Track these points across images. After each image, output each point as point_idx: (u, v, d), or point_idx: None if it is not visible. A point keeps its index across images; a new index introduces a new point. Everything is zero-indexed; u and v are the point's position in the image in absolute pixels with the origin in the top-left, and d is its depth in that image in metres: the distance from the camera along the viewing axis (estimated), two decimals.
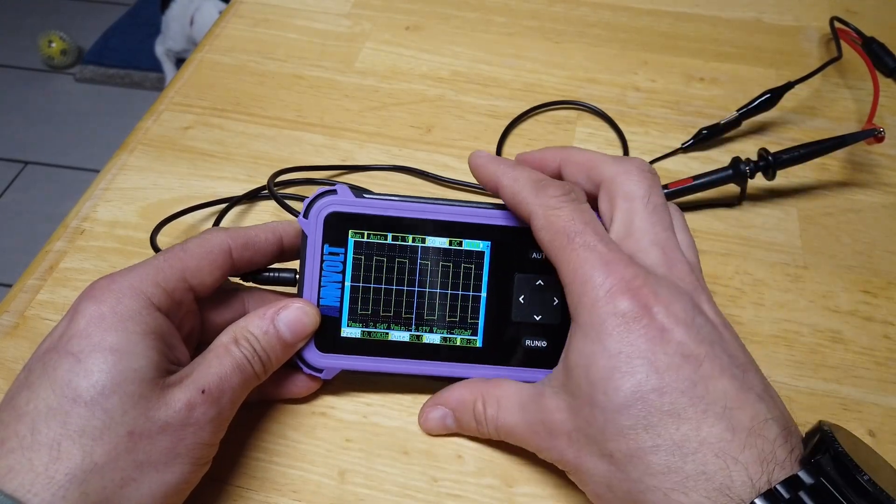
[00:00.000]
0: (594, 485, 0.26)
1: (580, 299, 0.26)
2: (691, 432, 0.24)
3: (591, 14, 0.55)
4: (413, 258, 0.31)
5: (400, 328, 0.31)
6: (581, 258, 0.26)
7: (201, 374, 0.27)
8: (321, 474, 0.31)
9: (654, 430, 0.24)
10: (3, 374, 0.34)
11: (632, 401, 0.24)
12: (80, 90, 1.77)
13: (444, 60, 0.51)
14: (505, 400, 0.30)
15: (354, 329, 0.31)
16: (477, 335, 0.32)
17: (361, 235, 0.31)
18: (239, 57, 0.52)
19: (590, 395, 0.25)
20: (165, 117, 0.47)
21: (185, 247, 0.29)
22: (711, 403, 0.24)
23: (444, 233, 0.31)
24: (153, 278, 0.28)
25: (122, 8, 1.95)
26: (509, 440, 0.30)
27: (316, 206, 0.31)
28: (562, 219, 0.28)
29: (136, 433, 0.25)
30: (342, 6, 0.56)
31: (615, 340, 0.25)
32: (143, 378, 0.25)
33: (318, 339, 0.31)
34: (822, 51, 0.53)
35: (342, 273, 0.31)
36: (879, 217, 0.42)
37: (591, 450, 0.26)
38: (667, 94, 0.49)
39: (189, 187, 0.43)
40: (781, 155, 0.40)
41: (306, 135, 0.46)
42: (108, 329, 0.26)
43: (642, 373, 0.24)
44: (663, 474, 0.24)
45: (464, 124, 0.47)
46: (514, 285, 0.32)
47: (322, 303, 0.31)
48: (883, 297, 0.38)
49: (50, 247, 0.40)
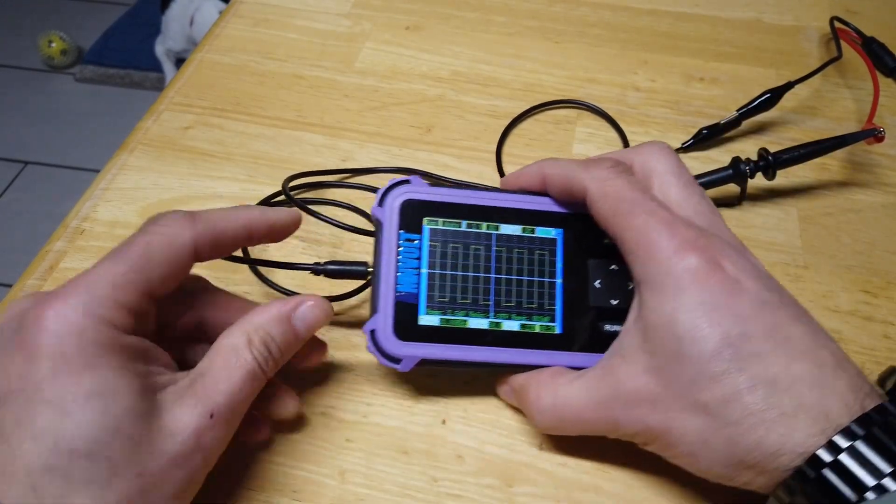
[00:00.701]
0: (686, 445, 0.26)
1: (649, 261, 0.27)
2: (782, 371, 0.25)
3: (591, 14, 0.55)
4: (488, 245, 0.31)
5: (479, 315, 0.30)
6: (645, 222, 0.27)
7: (209, 393, 0.25)
8: (321, 474, 0.31)
9: (747, 371, 0.25)
10: None
11: (721, 347, 0.25)
12: (80, 90, 1.78)
13: (444, 60, 0.51)
14: (563, 388, 0.29)
15: (433, 317, 0.30)
16: (555, 321, 0.31)
17: (436, 223, 0.31)
18: (239, 57, 0.52)
19: (676, 349, 0.26)
20: (165, 117, 0.47)
21: (147, 253, 0.26)
22: (794, 344, 0.25)
23: (516, 220, 0.32)
24: (112, 298, 0.24)
25: (122, 8, 1.96)
26: (571, 428, 0.29)
27: (391, 194, 0.31)
28: (619, 188, 0.29)
29: (145, 473, 0.23)
30: (342, 6, 0.56)
31: (694, 294, 0.26)
32: (137, 413, 0.23)
33: (396, 326, 0.30)
34: (822, 51, 0.53)
35: (418, 259, 0.30)
36: (879, 217, 0.42)
37: (682, 406, 0.26)
38: (667, 94, 0.49)
39: (189, 187, 0.43)
40: (781, 155, 0.40)
41: (306, 135, 0.46)
42: (82, 370, 0.23)
43: (727, 320, 0.25)
44: (763, 411, 0.24)
45: (464, 124, 0.47)
46: (588, 270, 0.32)
47: (399, 289, 0.30)
48: (883, 297, 0.38)
49: (50, 247, 0.40)
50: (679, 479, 0.31)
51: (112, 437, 0.23)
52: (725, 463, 0.25)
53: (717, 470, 0.26)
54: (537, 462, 0.32)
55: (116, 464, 0.23)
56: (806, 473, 0.24)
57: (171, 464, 0.24)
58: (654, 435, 0.27)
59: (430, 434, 0.32)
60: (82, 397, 0.23)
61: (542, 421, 0.30)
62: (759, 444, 0.24)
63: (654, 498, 0.30)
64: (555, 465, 0.31)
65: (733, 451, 0.25)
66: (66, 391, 0.22)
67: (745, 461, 0.25)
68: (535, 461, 0.32)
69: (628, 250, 0.28)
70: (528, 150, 0.45)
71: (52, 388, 0.22)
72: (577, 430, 0.29)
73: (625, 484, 0.31)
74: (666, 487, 0.31)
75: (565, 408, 0.29)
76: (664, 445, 0.27)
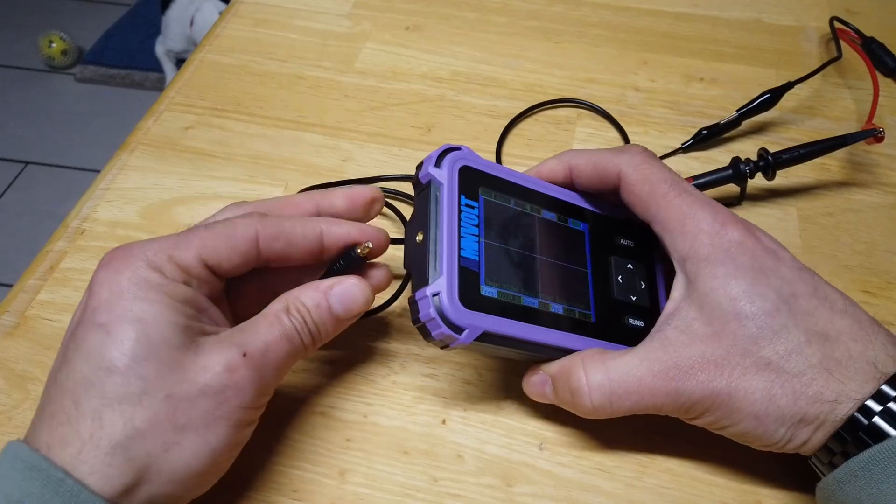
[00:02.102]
0: (752, 405, 0.27)
1: (697, 236, 0.29)
2: (829, 325, 0.27)
3: (591, 14, 0.55)
4: (530, 226, 0.31)
5: (530, 294, 0.29)
6: (688, 201, 0.30)
7: (246, 337, 0.27)
8: (321, 474, 0.31)
9: (802, 326, 0.27)
10: (3, 374, 0.34)
11: (778, 304, 0.27)
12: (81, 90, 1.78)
13: (444, 60, 0.51)
14: (614, 363, 0.29)
15: (491, 289, 0.28)
16: (589, 310, 0.31)
17: (489, 195, 0.30)
18: (239, 57, 0.52)
19: (735, 310, 0.27)
20: (166, 117, 0.47)
21: (210, 225, 0.29)
22: (834, 303, 0.28)
23: (553, 208, 0.32)
24: (167, 252, 0.27)
25: (123, 8, 1.96)
26: (623, 403, 0.28)
27: (448, 157, 0.29)
28: (654, 171, 0.31)
29: (174, 397, 0.25)
30: (342, 6, 0.56)
31: (744, 261, 0.28)
32: (173, 344, 0.26)
33: (462, 292, 0.27)
34: (821, 51, 0.53)
35: (478, 227, 0.29)
36: (879, 217, 0.42)
37: (746, 365, 0.27)
38: (666, 95, 0.49)
39: (190, 187, 0.43)
40: (781, 155, 0.40)
41: (306, 135, 0.46)
42: (131, 299, 0.26)
43: (776, 282, 0.28)
44: (821, 361, 0.26)
45: (464, 124, 0.47)
46: (611, 266, 0.33)
47: (462, 254, 0.28)
48: (883, 297, 0.38)
49: (50, 247, 0.40)
50: (679, 480, 0.31)
51: (146, 359, 0.25)
52: (790, 419, 0.26)
53: (781, 430, 0.27)
54: (537, 462, 0.32)
55: (148, 382, 0.25)
56: (859, 421, 0.25)
57: (200, 392, 0.26)
58: (719, 400, 0.27)
59: (430, 434, 0.32)
60: (127, 322, 0.25)
61: (594, 400, 0.29)
62: (820, 394, 0.26)
63: (654, 498, 0.31)
64: (555, 465, 0.31)
65: (798, 405, 0.26)
66: (114, 315, 0.25)
67: (809, 413, 0.26)
68: (535, 461, 0.32)
69: (670, 228, 0.30)
70: (528, 150, 0.45)
71: (104, 313, 0.26)
72: (628, 406, 0.28)
73: (625, 484, 0.31)
74: (666, 488, 0.31)
75: (620, 382, 0.28)
76: (727, 412, 0.27)
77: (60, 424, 0.24)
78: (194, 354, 0.26)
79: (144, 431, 0.24)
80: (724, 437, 0.29)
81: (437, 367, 0.35)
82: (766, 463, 0.31)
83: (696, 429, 0.32)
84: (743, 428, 0.27)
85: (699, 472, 0.31)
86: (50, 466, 0.23)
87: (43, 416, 0.25)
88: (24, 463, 0.24)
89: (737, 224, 0.29)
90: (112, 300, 0.26)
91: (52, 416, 0.25)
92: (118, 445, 0.24)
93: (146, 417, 0.25)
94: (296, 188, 0.43)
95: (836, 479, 0.26)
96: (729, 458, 0.31)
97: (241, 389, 0.26)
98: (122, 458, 0.24)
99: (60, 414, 0.25)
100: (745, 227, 0.29)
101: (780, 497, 0.31)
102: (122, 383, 0.25)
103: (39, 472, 0.23)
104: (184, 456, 0.25)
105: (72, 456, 0.24)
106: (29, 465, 0.23)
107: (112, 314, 0.25)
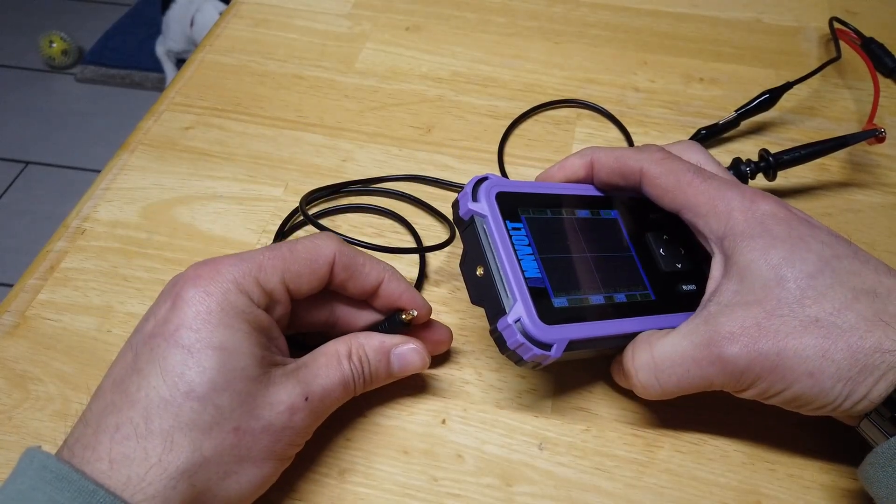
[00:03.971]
0: (805, 363, 0.26)
1: (730, 215, 0.29)
2: (876, 283, 0.27)
3: (591, 14, 0.55)
4: (573, 228, 0.32)
5: (595, 292, 0.31)
6: (713, 186, 0.30)
7: (308, 380, 0.28)
8: (321, 473, 0.31)
9: (848, 284, 0.27)
10: (3, 374, 0.34)
11: (820, 266, 0.27)
12: (81, 90, 1.78)
13: (444, 61, 0.51)
14: (659, 342, 0.29)
15: (562, 299, 0.30)
16: (648, 289, 0.32)
17: (529, 213, 0.31)
18: (239, 57, 0.52)
19: (777, 275, 0.27)
20: (166, 117, 0.47)
21: (293, 248, 0.29)
22: (877, 265, 0.28)
23: (583, 205, 0.33)
24: (255, 275, 0.28)
25: (123, 8, 1.96)
26: (671, 380, 0.29)
27: (482, 188, 0.30)
28: (676, 164, 0.31)
29: (241, 430, 0.26)
30: (342, 6, 0.56)
31: (781, 231, 0.28)
32: (249, 376, 0.26)
33: (539, 311, 0.28)
34: (821, 51, 0.53)
35: (530, 245, 0.30)
36: (879, 217, 0.42)
37: (793, 325, 0.27)
38: (666, 95, 0.49)
39: (190, 187, 0.43)
40: (782, 155, 0.40)
41: (306, 135, 0.46)
42: (217, 325, 0.26)
43: (816, 245, 0.28)
44: (875, 314, 0.26)
45: (464, 124, 0.47)
46: (651, 242, 0.34)
47: (527, 275, 0.29)
48: None
49: (51, 247, 0.40)
50: (679, 479, 0.31)
51: (225, 388, 0.25)
52: (848, 373, 0.26)
53: (839, 386, 0.26)
54: (537, 462, 0.32)
55: (221, 413, 0.25)
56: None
57: (263, 429, 0.27)
58: (769, 362, 0.27)
59: (430, 434, 0.32)
60: (211, 348, 0.26)
61: (640, 378, 0.29)
62: (879, 344, 0.26)
63: (654, 498, 0.31)
64: (554, 465, 0.31)
65: (855, 357, 0.26)
66: (199, 338, 0.26)
67: (868, 364, 0.26)
68: (535, 461, 0.32)
69: (702, 213, 0.30)
70: (528, 150, 0.46)
71: (188, 334, 0.26)
72: (676, 382, 0.29)
73: (624, 484, 0.31)
74: (666, 488, 0.31)
75: (663, 357, 0.29)
76: (780, 374, 0.27)
77: (126, 438, 0.24)
78: (264, 388, 0.27)
79: (210, 460, 0.25)
80: (723, 435, 0.29)
81: (437, 366, 0.35)
82: (766, 463, 0.31)
83: (695, 428, 0.32)
84: (797, 390, 0.27)
85: (699, 472, 0.31)
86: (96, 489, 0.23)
87: (104, 424, 0.25)
88: (53, 474, 0.23)
89: (766, 198, 0.30)
90: (199, 322, 0.26)
91: (117, 428, 0.24)
92: (185, 472, 0.24)
93: (213, 446, 0.25)
94: (296, 188, 0.43)
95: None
96: (729, 459, 0.31)
97: (297, 431, 0.28)
98: (186, 483, 0.24)
99: (126, 426, 0.24)
100: (776, 200, 0.30)
101: (781, 498, 0.31)
102: (198, 410, 0.25)
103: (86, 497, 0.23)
104: (240, 484, 0.26)
105: (138, 476, 0.24)
106: (70, 483, 0.23)
107: (197, 337, 0.26)
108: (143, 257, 0.39)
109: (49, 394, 0.34)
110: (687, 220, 0.31)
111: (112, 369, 0.27)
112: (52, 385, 0.34)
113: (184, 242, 0.40)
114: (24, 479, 0.24)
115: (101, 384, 0.26)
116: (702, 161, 0.33)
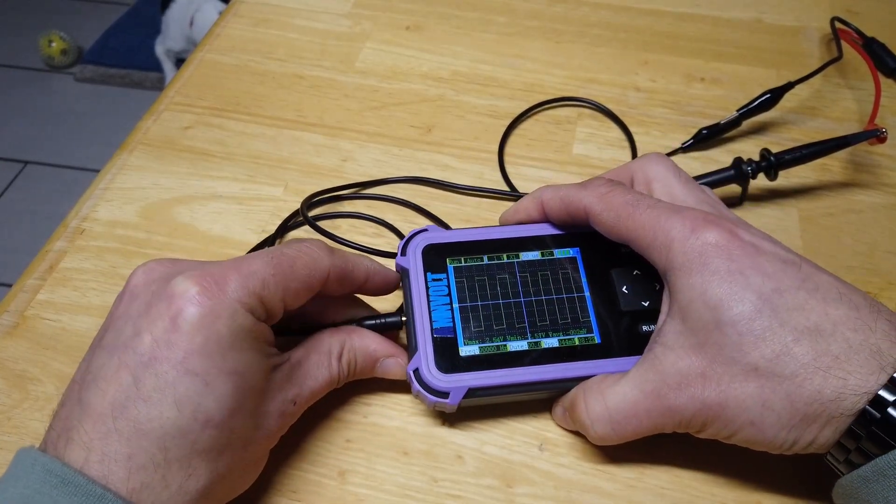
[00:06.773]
0: (747, 413, 0.26)
1: (669, 247, 0.28)
2: (821, 317, 0.25)
3: (592, 14, 0.55)
4: (512, 272, 0.33)
5: (517, 338, 0.31)
6: (653, 215, 0.29)
7: (300, 382, 0.29)
8: (321, 474, 0.31)
9: (789, 324, 0.25)
10: (2, 374, 0.34)
11: (759, 304, 0.26)
12: (80, 90, 1.77)
13: (444, 60, 0.51)
14: (610, 390, 0.29)
15: (472, 346, 0.31)
16: (593, 332, 0.32)
17: (458, 261, 0.33)
18: (239, 57, 0.52)
19: (715, 318, 0.26)
20: (165, 117, 0.47)
21: (293, 263, 0.29)
22: (826, 292, 0.26)
23: (533, 247, 0.33)
24: (259, 293, 0.27)
25: (122, 8, 1.95)
26: (626, 429, 0.29)
27: (412, 243, 0.33)
28: (618, 195, 0.30)
29: (249, 442, 0.27)
30: (342, 6, 0.56)
31: (720, 263, 0.27)
32: (257, 391, 0.27)
33: (438, 360, 0.30)
34: (822, 51, 0.53)
35: (448, 296, 0.32)
36: (880, 218, 0.42)
37: (734, 373, 0.26)
38: (667, 95, 0.49)
39: (189, 187, 0.43)
40: (784, 155, 0.40)
41: (306, 135, 0.46)
42: (228, 349, 0.25)
43: (757, 280, 0.26)
44: (815, 359, 0.25)
45: (464, 124, 0.47)
46: (613, 279, 0.33)
47: (435, 325, 0.31)
48: (883, 298, 0.38)
49: (50, 246, 0.40)
50: (679, 481, 0.31)
51: (238, 410, 0.26)
52: (789, 422, 0.25)
53: (783, 434, 0.26)
54: (537, 462, 0.31)
55: (235, 434, 0.26)
56: (870, 414, 0.24)
57: (264, 437, 0.28)
58: (712, 412, 0.27)
59: (430, 434, 0.32)
60: (225, 374, 0.25)
61: (597, 430, 0.29)
62: (819, 392, 0.25)
63: (655, 499, 0.30)
64: (555, 466, 0.31)
65: (795, 407, 0.25)
66: (213, 365, 0.25)
67: (809, 414, 0.25)
68: (535, 461, 0.31)
69: (645, 245, 0.29)
70: (529, 150, 0.45)
71: (200, 361, 0.25)
72: (632, 431, 0.29)
73: (625, 485, 0.31)
74: (666, 489, 0.31)
75: (616, 409, 0.28)
76: (724, 422, 0.27)
77: (142, 469, 0.24)
78: (265, 399, 0.28)
79: (224, 476, 0.26)
80: None
81: None
82: (766, 465, 0.31)
83: None
84: (745, 436, 0.27)
85: (700, 474, 0.31)
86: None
87: (111, 452, 0.24)
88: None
89: (709, 225, 0.28)
90: (209, 348, 0.25)
91: (129, 458, 0.24)
92: (205, 493, 0.25)
93: (227, 463, 0.26)
94: (296, 188, 0.43)
95: (861, 477, 0.25)
96: (729, 459, 0.31)
97: (284, 429, 0.29)
98: (203, 501, 0.25)
99: (140, 456, 0.24)
100: (719, 226, 0.28)
101: (781, 499, 0.30)
102: (216, 436, 0.25)
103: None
104: (240, 485, 0.28)
105: (161, 501, 0.24)
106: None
107: (211, 364, 0.25)
108: (143, 257, 0.39)
109: (48, 394, 0.34)
110: (639, 252, 0.30)
111: (103, 385, 0.25)
112: (52, 385, 0.34)
113: (183, 242, 0.40)
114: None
115: (91, 401, 0.24)
116: (662, 176, 0.32)
